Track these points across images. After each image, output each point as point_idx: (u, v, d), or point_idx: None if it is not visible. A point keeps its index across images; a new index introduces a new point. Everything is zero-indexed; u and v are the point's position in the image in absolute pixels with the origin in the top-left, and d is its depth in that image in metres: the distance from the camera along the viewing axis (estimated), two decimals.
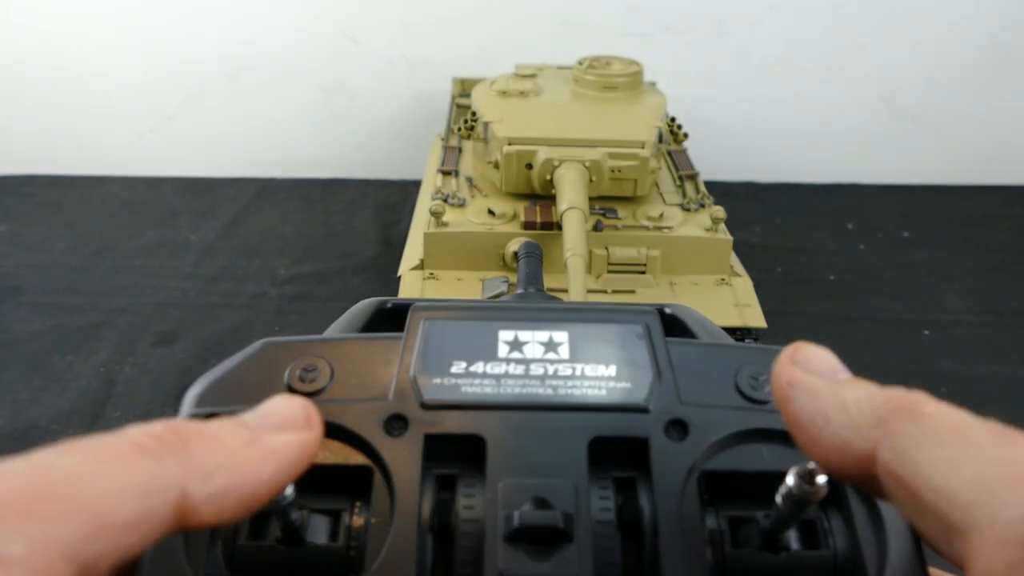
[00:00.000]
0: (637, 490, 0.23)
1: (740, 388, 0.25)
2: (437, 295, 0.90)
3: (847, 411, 0.19)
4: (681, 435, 0.23)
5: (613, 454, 0.23)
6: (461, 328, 0.26)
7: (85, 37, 1.46)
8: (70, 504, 0.16)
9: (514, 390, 0.24)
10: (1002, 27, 1.47)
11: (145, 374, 1.01)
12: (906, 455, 0.17)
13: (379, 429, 0.23)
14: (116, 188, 1.53)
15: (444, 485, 0.23)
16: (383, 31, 1.47)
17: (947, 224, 1.45)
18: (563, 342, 0.25)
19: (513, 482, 0.22)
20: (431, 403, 0.24)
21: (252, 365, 0.26)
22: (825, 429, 0.19)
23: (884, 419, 0.18)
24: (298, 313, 1.15)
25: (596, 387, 0.24)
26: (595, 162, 0.93)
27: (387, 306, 0.39)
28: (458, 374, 0.24)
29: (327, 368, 0.25)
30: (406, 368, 0.25)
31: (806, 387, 0.20)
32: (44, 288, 1.19)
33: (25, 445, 0.90)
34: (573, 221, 0.87)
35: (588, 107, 1.07)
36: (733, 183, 1.57)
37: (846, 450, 0.19)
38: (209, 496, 0.18)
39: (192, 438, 0.19)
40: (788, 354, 0.21)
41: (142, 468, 0.17)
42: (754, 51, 1.49)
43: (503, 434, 0.23)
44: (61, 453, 0.17)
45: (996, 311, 1.18)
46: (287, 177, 1.59)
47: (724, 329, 0.94)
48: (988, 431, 0.17)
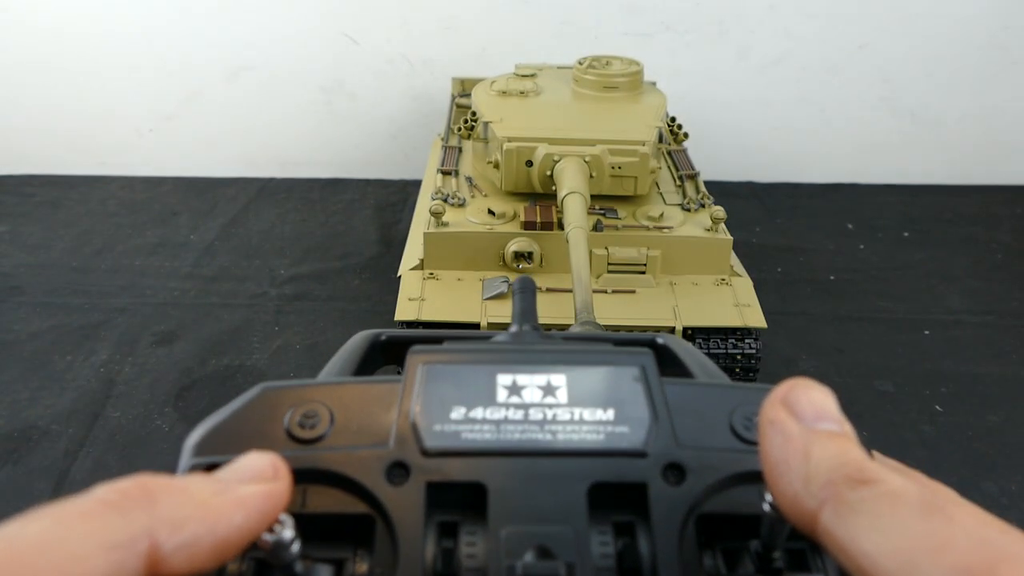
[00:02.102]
0: (636, 534, 0.23)
1: (735, 429, 0.25)
2: (437, 295, 0.90)
3: (807, 464, 0.20)
4: (678, 479, 0.24)
5: (612, 498, 0.24)
6: (459, 372, 0.26)
7: (85, 37, 1.46)
8: (42, 569, 0.16)
9: (514, 436, 0.24)
10: (1002, 27, 1.47)
11: (145, 374, 1.01)
12: (845, 519, 0.18)
13: (381, 478, 0.23)
14: (116, 188, 1.53)
15: (446, 532, 0.23)
16: (383, 31, 1.47)
17: (947, 224, 1.45)
18: (561, 386, 0.26)
19: (515, 530, 0.22)
20: (432, 450, 0.24)
21: (251, 411, 0.26)
22: (785, 475, 0.20)
23: (834, 481, 0.19)
24: (298, 313, 1.15)
25: (594, 432, 0.24)
26: (595, 157, 0.93)
27: (381, 339, 0.39)
28: (458, 420, 0.25)
29: (327, 414, 0.25)
30: (405, 414, 0.25)
31: (782, 429, 0.21)
32: (44, 288, 1.19)
33: (25, 445, 0.90)
34: (574, 202, 0.87)
35: (588, 107, 1.07)
36: (733, 183, 1.57)
37: (795, 501, 0.20)
38: (179, 545, 0.19)
39: (159, 490, 0.19)
40: (782, 391, 0.22)
41: (107, 523, 0.18)
42: (754, 51, 1.49)
43: (504, 481, 0.23)
44: (28, 522, 0.17)
45: (996, 311, 1.18)
46: (287, 177, 1.59)
47: (724, 329, 0.95)
48: (920, 502, 0.18)
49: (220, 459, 0.23)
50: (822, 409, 0.21)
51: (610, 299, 0.91)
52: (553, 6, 1.45)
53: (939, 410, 0.97)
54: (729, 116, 1.54)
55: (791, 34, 1.47)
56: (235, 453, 0.23)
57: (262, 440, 0.24)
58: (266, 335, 1.09)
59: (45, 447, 0.88)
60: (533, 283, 0.40)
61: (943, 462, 0.89)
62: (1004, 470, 0.89)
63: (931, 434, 0.94)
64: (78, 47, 1.47)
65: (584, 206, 0.87)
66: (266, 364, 1.03)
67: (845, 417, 0.21)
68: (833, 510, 0.19)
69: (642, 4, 1.45)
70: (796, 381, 0.22)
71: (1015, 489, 0.86)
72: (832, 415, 0.21)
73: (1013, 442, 0.92)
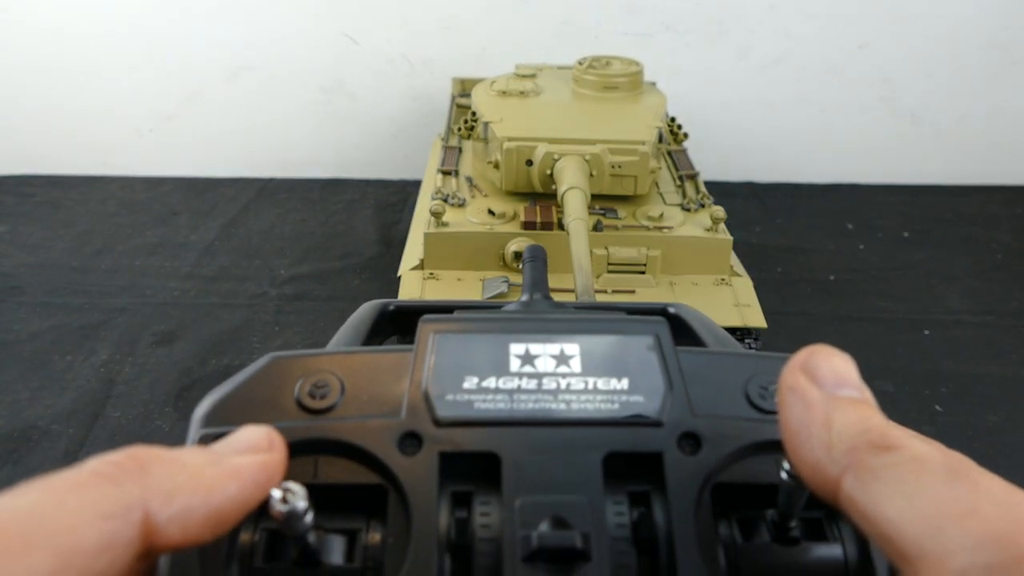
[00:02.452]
0: (651, 504, 0.23)
1: (750, 398, 0.25)
2: (437, 295, 0.90)
3: (829, 431, 0.20)
4: (694, 448, 0.23)
5: (627, 468, 0.23)
6: (472, 341, 0.26)
7: (85, 37, 1.46)
8: (36, 538, 0.16)
9: (527, 405, 0.24)
10: (1002, 27, 1.47)
11: (145, 374, 1.01)
12: (867, 485, 0.18)
13: (393, 448, 0.23)
14: (115, 188, 1.53)
15: (459, 502, 0.23)
16: (383, 31, 1.47)
17: (947, 224, 1.45)
18: (575, 355, 0.25)
19: (530, 500, 0.22)
20: (444, 420, 0.24)
21: (261, 381, 0.25)
22: (806, 442, 0.20)
23: (857, 448, 0.19)
24: (298, 313, 1.15)
25: (609, 401, 0.24)
26: (595, 155, 0.93)
27: (390, 308, 0.39)
28: (470, 390, 0.24)
29: (337, 384, 0.25)
30: (417, 384, 0.24)
31: (803, 396, 0.20)
32: (44, 288, 1.19)
33: (25, 445, 0.90)
34: (574, 196, 0.87)
35: (588, 107, 1.07)
36: (733, 183, 1.57)
37: (817, 468, 0.19)
38: (172, 515, 0.19)
39: (152, 461, 0.19)
40: (801, 358, 0.21)
41: (101, 493, 0.18)
42: (754, 51, 1.49)
43: (518, 451, 0.23)
44: (20, 493, 0.17)
45: (996, 311, 1.18)
46: (287, 177, 1.59)
47: (724, 329, 0.95)
48: (946, 468, 0.18)
49: (228, 429, 0.23)
50: (843, 375, 0.21)
51: (610, 299, 0.91)
52: (553, 6, 1.45)
53: (939, 410, 0.97)
54: (729, 116, 1.54)
55: (791, 34, 1.47)
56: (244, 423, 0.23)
57: (272, 410, 0.24)
58: (266, 335, 1.09)
59: (45, 447, 0.88)
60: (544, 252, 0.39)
61: None
62: (1004, 470, 0.87)
63: (931, 434, 0.92)
64: (78, 47, 1.47)
65: (584, 201, 0.87)
66: None
67: (865, 384, 0.21)
68: (856, 476, 0.18)
69: (642, 4, 1.45)
70: (816, 348, 0.21)
71: None
72: (853, 382, 0.21)
73: (1013, 442, 0.92)
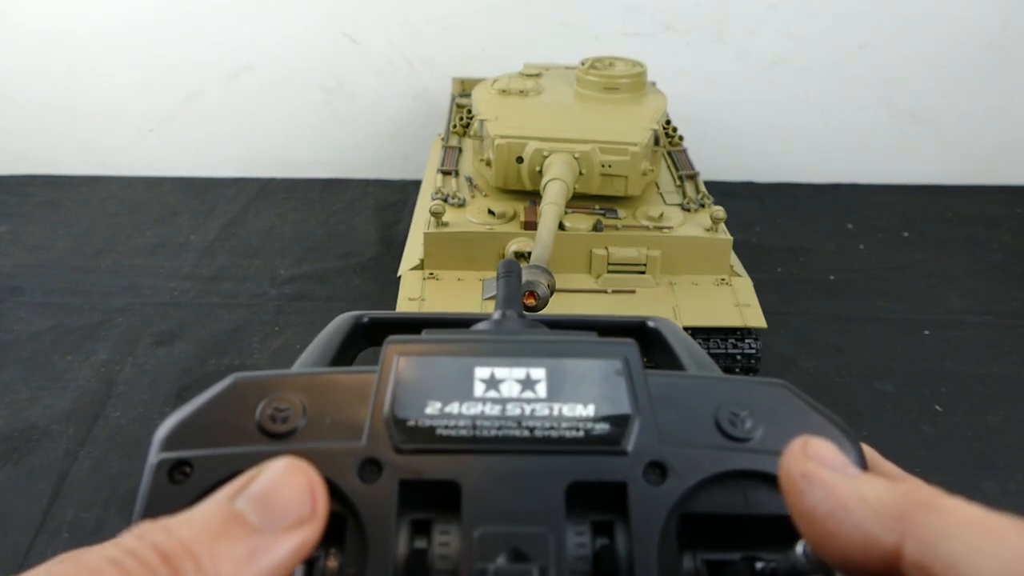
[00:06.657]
0: (614, 534, 0.23)
1: (720, 425, 0.24)
2: (437, 295, 0.90)
3: (868, 505, 0.19)
4: (660, 478, 0.23)
5: (591, 497, 0.23)
6: (436, 365, 0.25)
7: (85, 37, 1.46)
8: None
9: (490, 432, 0.23)
10: (1002, 27, 1.47)
11: (145, 374, 1.01)
12: (936, 547, 0.18)
13: (353, 475, 0.23)
14: (115, 188, 1.53)
15: (419, 529, 0.23)
16: (383, 31, 1.47)
17: (947, 224, 1.45)
18: (540, 379, 0.25)
19: (489, 530, 0.21)
20: (405, 447, 0.23)
21: (222, 403, 0.25)
22: (845, 522, 0.19)
23: (908, 512, 0.19)
24: (298, 313, 1.15)
25: (574, 428, 0.24)
26: (585, 154, 0.93)
27: (364, 320, 0.39)
28: (433, 415, 0.24)
29: (300, 406, 0.24)
30: (380, 408, 0.24)
31: (822, 481, 0.20)
32: (44, 288, 1.19)
33: (25, 445, 0.90)
34: (554, 186, 0.88)
35: (586, 107, 1.07)
36: (733, 183, 1.57)
37: (868, 544, 0.19)
38: None
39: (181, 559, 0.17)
40: (799, 447, 0.21)
41: None
42: (754, 51, 1.49)
43: (479, 479, 0.23)
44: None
45: (996, 311, 1.18)
46: (287, 177, 1.59)
47: (724, 329, 0.94)
48: (1010, 523, 0.18)
49: (189, 454, 0.22)
50: (841, 458, 0.21)
51: (610, 299, 0.91)
52: (553, 6, 1.45)
53: (939, 410, 0.97)
54: (729, 116, 1.54)
55: (791, 34, 1.47)
56: (205, 448, 0.22)
57: (233, 435, 0.24)
58: (266, 335, 1.09)
59: (45, 447, 0.88)
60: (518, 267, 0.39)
61: (943, 462, 0.89)
62: (1004, 470, 0.89)
63: (931, 434, 0.93)
64: (78, 47, 1.47)
65: (564, 191, 0.88)
66: (266, 364, 1.03)
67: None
68: (919, 540, 0.18)
69: (642, 4, 1.45)
70: (807, 437, 0.21)
71: (1015, 489, 0.86)
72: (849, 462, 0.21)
73: (1013, 442, 0.92)
